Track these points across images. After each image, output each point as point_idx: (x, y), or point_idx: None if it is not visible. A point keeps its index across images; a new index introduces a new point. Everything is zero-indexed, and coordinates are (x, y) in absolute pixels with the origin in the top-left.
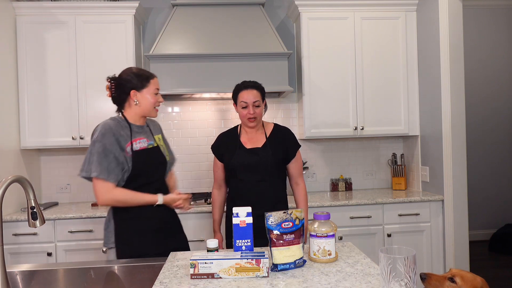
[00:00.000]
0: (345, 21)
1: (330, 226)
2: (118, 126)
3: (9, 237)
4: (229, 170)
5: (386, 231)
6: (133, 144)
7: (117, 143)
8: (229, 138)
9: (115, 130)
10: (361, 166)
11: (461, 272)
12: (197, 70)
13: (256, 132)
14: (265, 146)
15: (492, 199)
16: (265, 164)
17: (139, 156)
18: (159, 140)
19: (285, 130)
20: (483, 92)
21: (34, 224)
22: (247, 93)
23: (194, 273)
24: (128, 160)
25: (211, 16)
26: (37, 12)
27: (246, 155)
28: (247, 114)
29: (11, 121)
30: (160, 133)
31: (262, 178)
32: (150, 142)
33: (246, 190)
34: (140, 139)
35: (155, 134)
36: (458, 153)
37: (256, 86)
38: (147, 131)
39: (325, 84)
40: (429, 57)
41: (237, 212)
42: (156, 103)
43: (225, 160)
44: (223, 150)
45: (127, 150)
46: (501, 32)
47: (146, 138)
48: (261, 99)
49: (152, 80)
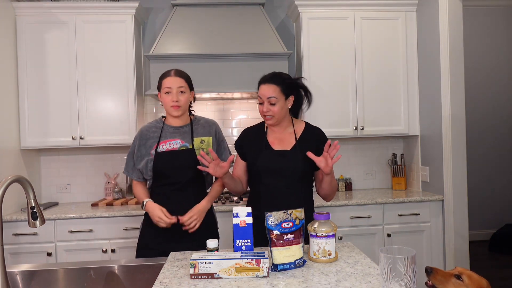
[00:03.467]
0: (345, 21)
1: (330, 226)
2: (151, 128)
3: (9, 237)
4: (252, 172)
5: (386, 231)
6: (159, 146)
7: (143, 146)
8: (254, 135)
9: (144, 133)
10: (361, 166)
11: (468, 271)
12: (197, 70)
13: (284, 131)
14: (294, 149)
15: (492, 199)
16: (293, 170)
17: (161, 157)
18: (201, 143)
19: (318, 131)
20: (483, 92)
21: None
22: (263, 89)
23: (194, 273)
24: (149, 162)
25: (211, 16)
26: (37, 12)
27: (273, 158)
28: (261, 111)
29: (11, 121)
30: (209, 136)
31: (289, 184)
32: (184, 144)
33: (270, 196)
34: (172, 140)
35: (197, 136)
36: (458, 153)
37: (273, 79)
38: (186, 132)
39: (325, 84)
40: (429, 57)
41: (237, 212)
42: (169, 102)
43: (248, 161)
44: (247, 148)
45: (152, 152)
46: (501, 32)
47: (181, 139)
48: (281, 95)
49: (163, 80)
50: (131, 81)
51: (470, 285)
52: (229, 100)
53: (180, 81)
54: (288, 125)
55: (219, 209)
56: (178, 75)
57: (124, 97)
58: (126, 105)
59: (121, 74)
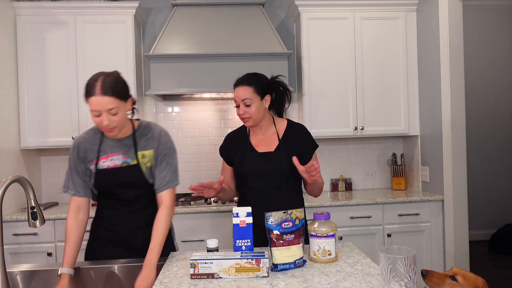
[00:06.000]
0: (345, 21)
1: (330, 226)
2: (87, 140)
3: (9, 237)
4: (239, 176)
5: (386, 231)
6: (99, 163)
7: (81, 161)
8: (237, 139)
9: (82, 146)
10: (361, 166)
11: (462, 271)
12: (197, 70)
13: (266, 131)
14: (278, 149)
15: (492, 199)
16: (279, 171)
17: (102, 176)
18: (142, 157)
19: (300, 129)
20: (483, 92)
21: (34, 224)
22: (236, 91)
23: (194, 273)
24: (91, 177)
25: (211, 16)
26: (37, 12)
27: (258, 160)
28: (238, 114)
29: (11, 121)
30: (153, 149)
31: (277, 185)
32: (126, 160)
33: (258, 198)
34: (113, 155)
35: (141, 150)
36: (458, 153)
37: (246, 81)
38: (127, 145)
39: (325, 84)
40: (429, 57)
41: (237, 212)
42: (100, 125)
43: (234, 166)
44: (232, 153)
45: (91, 168)
46: (501, 32)
47: (123, 154)
48: (255, 95)
49: (88, 99)
50: (131, 81)
51: (465, 285)
52: (229, 100)
53: (108, 102)
54: (269, 125)
55: (219, 209)
56: (105, 92)
57: None
58: None
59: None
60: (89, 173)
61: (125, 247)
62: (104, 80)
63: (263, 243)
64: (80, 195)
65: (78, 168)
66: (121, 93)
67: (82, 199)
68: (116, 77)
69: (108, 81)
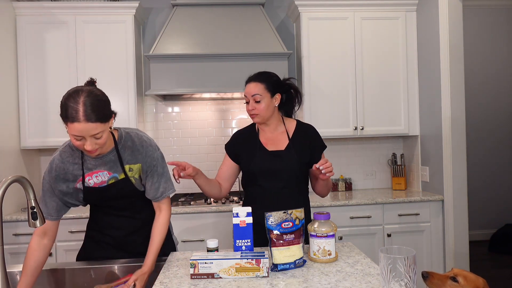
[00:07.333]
0: (345, 21)
1: (330, 226)
2: (67, 159)
3: (9, 237)
4: (247, 175)
5: (386, 231)
6: (85, 181)
7: (61, 182)
8: (246, 137)
9: (60, 167)
10: (361, 166)
11: (463, 272)
12: (197, 70)
13: (275, 130)
14: (288, 148)
15: (492, 199)
16: (289, 170)
17: (90, 193)
18: (129, 171)
19: (310, 129)
20: (483, 92)
21: (34, 224)
22: (247, 87)
23: (194, 273)
24: (79, 193)
25: (211, 16)
26: (37, 12)
27: (268, 159)
28: (247, 110)
29: (11, 121)
30: (138, 163)
31: (286, 185)
32: (113, 175)
33: (267, 198)
34: (98, 172)
35: (127, 164)
36: (458, 153)
37: (258, 77)
38: (112, 161)
39: (325, 84)
40: (429, 57)
41: (237, 212)
42: (82, 148)
43: (242, 164)
44: (241, 151)
45: (78, 186)
46: (501, 32)
47: (108, 170)
48: (266, 92)
49: (69, 124)
50: (131, 81)
51: (466, 285)
52: (229, 100)
53: (93, 128)
54: (279, 124)
55: (219, 209)
56: (89, 119)
57: (124, 97)
58: (126, 105)
59: (121, 74)
60: (74, 191)
61: (123, 250)
62: (86, 104)
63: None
64: (52, 219)
65: (56, 190)
66: (105, 115)
67: (51, 223)
68: (97, 95)
69: (90, 104)
